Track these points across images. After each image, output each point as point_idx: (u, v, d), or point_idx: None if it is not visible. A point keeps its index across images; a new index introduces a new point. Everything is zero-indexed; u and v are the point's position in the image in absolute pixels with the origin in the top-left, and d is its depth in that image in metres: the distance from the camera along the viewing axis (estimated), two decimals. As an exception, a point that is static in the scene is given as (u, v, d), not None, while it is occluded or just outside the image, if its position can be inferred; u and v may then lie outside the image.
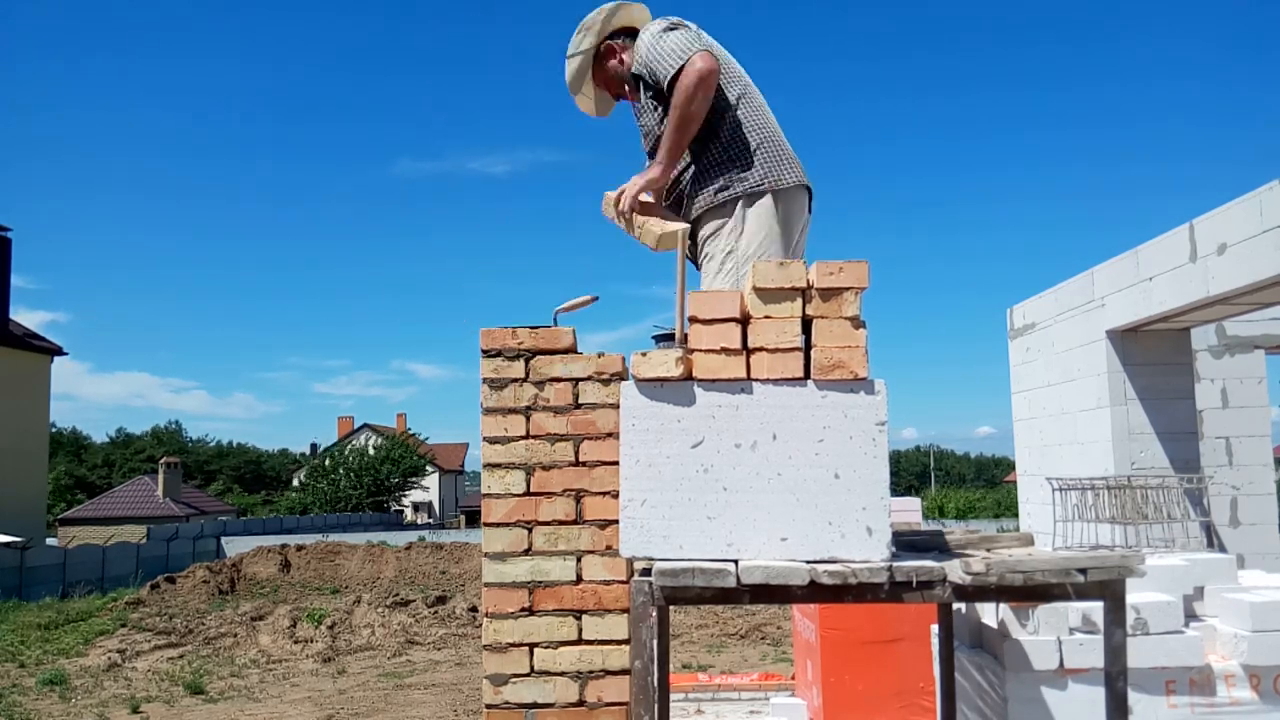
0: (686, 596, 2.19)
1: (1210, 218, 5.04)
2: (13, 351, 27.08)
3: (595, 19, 3.33)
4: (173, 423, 77.03)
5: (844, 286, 2.33)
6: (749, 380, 2.33)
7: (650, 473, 2.31)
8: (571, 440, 2.91)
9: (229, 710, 9.75)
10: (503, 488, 2.91)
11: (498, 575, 2.88)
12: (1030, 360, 7.21)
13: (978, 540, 2.67)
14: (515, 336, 2.95)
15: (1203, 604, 3.27)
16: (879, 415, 2.29)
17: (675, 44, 3.09)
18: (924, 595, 2.19)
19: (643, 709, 2.17)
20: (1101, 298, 6.08)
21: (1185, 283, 5.21)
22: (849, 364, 2.31)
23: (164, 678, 11.37)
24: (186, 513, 42.96)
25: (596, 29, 3.33)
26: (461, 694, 10.21)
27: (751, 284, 2.37)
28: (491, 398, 2.93)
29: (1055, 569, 2.17)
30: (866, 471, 2.27)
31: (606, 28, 3.33)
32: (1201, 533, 5.54)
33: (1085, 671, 3.03)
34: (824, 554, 2.24)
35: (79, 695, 10.51)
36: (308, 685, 11.04)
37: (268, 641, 13.47)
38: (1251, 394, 6.75)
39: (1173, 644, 3.06)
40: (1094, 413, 6.14)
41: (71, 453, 66.88)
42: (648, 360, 2.34)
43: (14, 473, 26.25)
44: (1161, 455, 5.86)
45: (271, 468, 77.20)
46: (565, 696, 2.84)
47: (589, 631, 2.86)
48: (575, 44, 3.37)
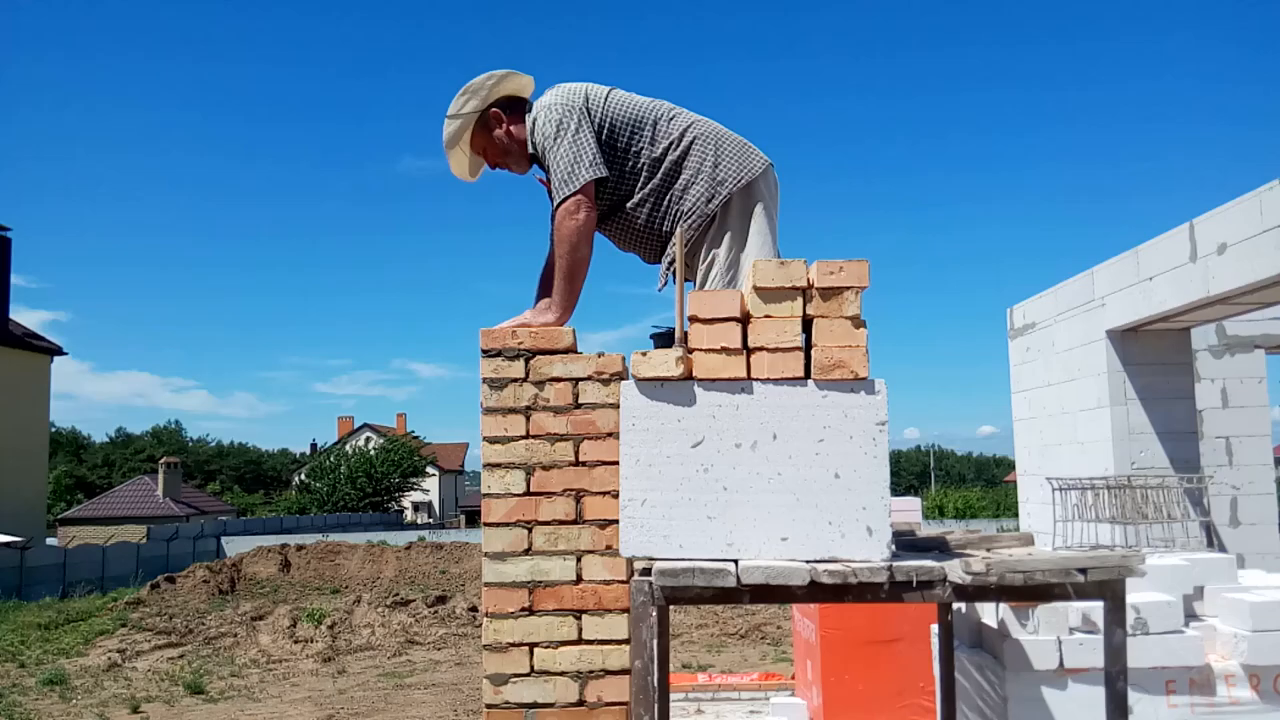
0: (686, 596, 2.19)
1: (1210, 218, 5.04)
2: (13, 351, 27.09)
3: (483, 84, 3.26)
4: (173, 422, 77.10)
5: (844, 286, 2.33)
6: (749, 380, 2.33)
7: (650, 473, 2.31)
8: (571, 440, 2.91)
9: (229, 710, 9.76)
10: (503, 488, 2.91)
11: (498, 575, 2.88)
12: (1030, 360, 7.20)
13: (978, 540, 2.67)
14: (515, 336, 2.95)
15: (1203, 604, 3.28)
16: (879, 415, 2.29)
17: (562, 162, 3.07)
18: (924, 595, 2.19)
19: (643, 709, 2.17)
20: (1101, 297, 6.08)
21: (1185, 283, 5.21)
22: (849, 363, 2.31)
23: (164, 678, 11.37)
24: (186, 513, 42.97)
25: (483, 94, 3.27)
26: (461, 694, 10.21)
27: (752, 283, 2.37)
28: (491, 397, 2.93)
29: (1055, 569, 2.17)
30: (867, 471, 2.27)
31: (493, 95, 3.28)
32: (1201, 532, 5.54)
33: (1085, 671, 3.04)
34: (824, 554, 2.24)
35: (79, 695, 10.51)
36: (308, 685, 11.04)
37: (268, 641, 13.47)
38: (1251, 394, 6.75)
39: (1173, 644, 3.06)
40: (1094, 412, 6.14)
41: (71, 453, 66.90)
42: (648, 360, 2.34)
43: (14, 473, 26.26)
44: (1161, 455, 5.86)
45: (271, 468, 77.22)
46: (565, 696, 2.83)
47: (589, 631, 2.86)
48: (458, 106, 3.30)
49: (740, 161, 3.17)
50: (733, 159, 3.17)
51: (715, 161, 3.15)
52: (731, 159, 3.17)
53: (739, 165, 3.16)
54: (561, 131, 3.10)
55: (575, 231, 3.03)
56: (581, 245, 3.06)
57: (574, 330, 2.97)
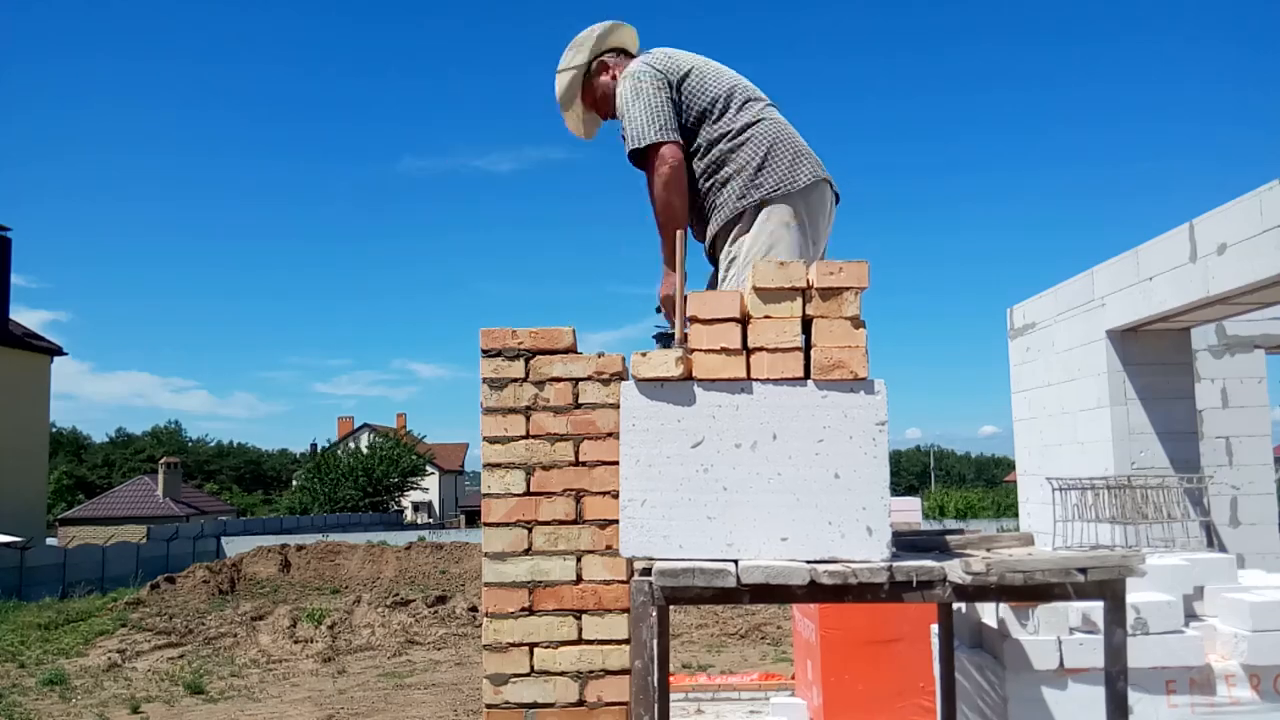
0: (686, 596, 2.19)
1: (1210, 218, 5.04)
2: (13, 351, 27.09)
3: (589, 35, 3.30)
4: (173, 423, 77.14)
5: (844, 286, 2.33)
6: (749, 380, 2.33)
7: (650, 473, 2.31)
8: (571, 440, 2.91)
9: (229, 710, 9.75)
10: (503, 488, 2.91)
11: (498, 575, 2.88)
12: (1030, 360, 7.21)
13: (978, 540, 2.67)
14: (515, 336, 2.95)
15: (1203, 604, 3.28)
16: (879, 415, 2.29)
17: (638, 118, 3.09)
18: (924, 595, 2.19)
19: (643, 709, 2.17)
20: (1101, 297, 6.08)
21: (1185, 283, 5.21)
22: (849, 364, 2.31)
23: (164, 678, 11.37)
24: (186, 513, 42.99)
25: (590, 45, 3.31)
26: (461, 694, 10.21)
27: (751, 284, 2.37)
28: (491, 398, 2.93)
29: (1055, 569, 2.17)
30: (866, 471, 2.27)
31: (600, 45, 3.31)
32: (1201, 532, 5.54)
33: (1085, 671, 3.04)
34: (824, 554, 2.24)
35: (79, 695, 10.51)
36: (308, 685, 11.04)
37: (268, 641, 13.47)
38: (1251, 394, 6.75)
39: (1173, 644, 3.06)
40: (1094, 412, 6.14)
41: (71, 453, 66.92)
42: (648, 360, 2.34)
43: (14, 473, 26.26)
44: (1161, 455, 5.86)
45: (271, 468, 77.26)
46: (565, 696, 2.84)
47: (589, 631, 2.86)
48: (567, 60, 3.33)
49: (783, 172, 3.12)
50: (778, 167, 3.13)
51: (760, 165, 3.11)
52: (776, 166, 3.13)
53: (780, 175, 3.12)
54: (637, 94, 3.11)
55: (663, 183, 3.06)
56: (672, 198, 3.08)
57: (574, 330, 2.97)
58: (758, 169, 3.11)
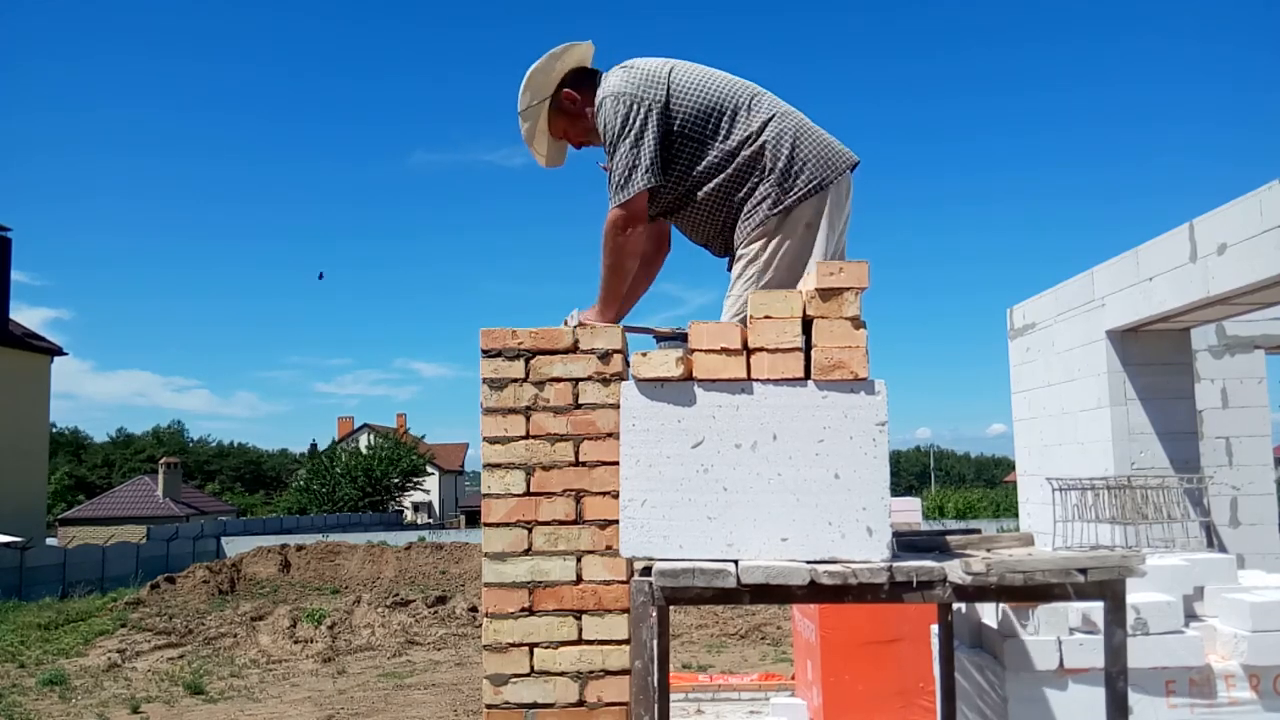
0: (686, 596, 2.19)
1: (1210, 218, 5.04)
2: (13, 351, 27.09)
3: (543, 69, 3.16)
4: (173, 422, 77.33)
5: (844, 287, 2.33)
6: (749, 380, 2.33)
7: (650, 473, 2.31)
8: (571, 440, 2.91)
9: (229, 710, 9.75)
10: (503, 488, 2.91)
11: (498, 575, 2.88)
12: (1030, 360, 7.20)
13: (978, 540, 2.67)
14: (515, 336, 2.95)
15: (1203, 604, 3.28)
16: (879, 415, 2.29)
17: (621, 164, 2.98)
18: (924, 595, 2.19)
19: (643, 709, 2.17)
20: (1101, 298, 6.08)
21: (1185, 283, 5.21)
22: (849, 364, 2.31)
23: (164, 678, 11.36)
24: (186, 513, 42.98)
25: (546, 80, 3.17)
26: (461, 694, 10.21)
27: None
28: (491, 398, 2.93)
29: (1055, 569, 2.17)
30: (867, 472, 2.27)
31: (556, 76, 3.18)
32: (1201, 533, 5.54)
33: (1085, 671, 3.04)
34: (824, 554, 2.24)
35: (79, 695, 10.51)
36: (308, 685, 11.04)
37: (268, 641, 13.47)
38: (1251, 394, 6.74)
39: (1173, 644, 3.06)
40: (1094, 413, 6.14)
41: (71, 453, 66.93)
42: (648, 360, 2.34)
43: (14, 473, 26.25)
44: (1161, 455, 5.86)
45: (271, 468, 77.26)
46: (565, 696, 2.83)
47: (589, 631, 2.86)
48: (524, 101, 3.19)
49: (813, 169, 3.01)
50: (807, 163, 3.01)
51: (787, 165, 3.00)
52: (805, 162, 3.01)
53: (809, 174, 3.00)
54: (627, 127, 3.00)
55: (620, 249, 3.03)
56: (626, 261, 3.07)
57: (574, 330, 2.97)
58: (786, 169, 2.99)
